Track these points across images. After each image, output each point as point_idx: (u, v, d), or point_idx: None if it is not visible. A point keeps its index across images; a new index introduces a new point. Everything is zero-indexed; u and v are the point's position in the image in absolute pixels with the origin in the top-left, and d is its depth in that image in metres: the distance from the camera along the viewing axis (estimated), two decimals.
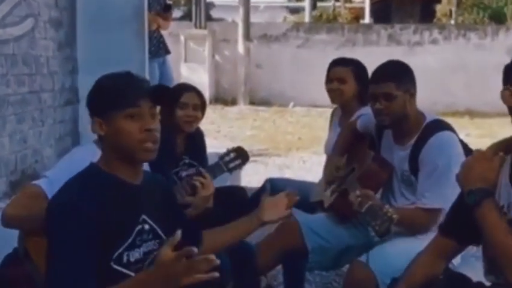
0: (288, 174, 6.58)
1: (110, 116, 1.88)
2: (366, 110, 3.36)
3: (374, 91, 2.74)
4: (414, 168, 2.70)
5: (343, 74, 3.45)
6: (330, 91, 3.49)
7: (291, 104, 13.44)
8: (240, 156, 3.18)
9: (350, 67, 3.48)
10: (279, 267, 3.27)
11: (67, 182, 1.90)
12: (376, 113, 2.76)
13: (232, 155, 3.16)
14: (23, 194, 2.34)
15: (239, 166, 3.20)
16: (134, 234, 1.90)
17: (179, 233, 1.69)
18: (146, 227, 1.95)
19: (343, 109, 3.56)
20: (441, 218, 2.64)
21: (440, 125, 2.74)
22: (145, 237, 1.94)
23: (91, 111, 1.95)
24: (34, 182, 2.35)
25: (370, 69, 3.52)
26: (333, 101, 3.54)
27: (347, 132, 3.27)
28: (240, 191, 3.58)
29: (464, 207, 1.93)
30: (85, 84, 1.91)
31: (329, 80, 3.49)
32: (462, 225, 2.03)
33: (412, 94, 2.74)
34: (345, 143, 3.21)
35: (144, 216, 1.95)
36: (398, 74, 2.77)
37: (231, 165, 3.15)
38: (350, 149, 3.13)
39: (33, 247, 2.18)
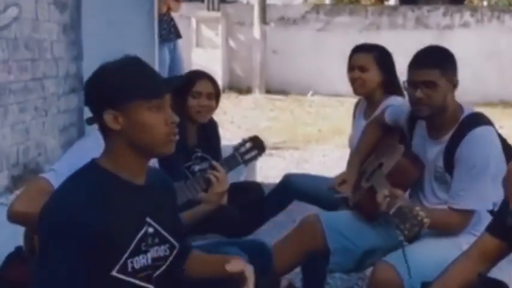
0: (307, 169, 6.53)
1: (131, 107, 1.79)
2: (392, 101, 3.33)
3: (415, 78, 2.66)
4: (450, 165, 2.66)
5: (364, 61, 3.41)
6: (352, 80, 3.45)
7: (310, 92, 13.40)
8: (256, 146, 3.14)
9: (372, 54, 3.43)
10: (298, 269, 3.26)
11: (64, 183, 1.85)
12: (414, 101, 2.69)
13: (248, 145, 3.12)
14: (30, 189, 2.35)
15: (255, 157, 3.17)
16: (137, 239, 1.85)
17: None
18: (151, 230, 1.90)
19: (367, 100, 3.52)
20: (473, 219, 2.64)
21: (478, 120, 2.69)
22: (150, 242, 1.89)
23: (102, 103, 1.81)
24: (42, 175, 2.37)
25: (396, 55, 3.49)
26: (355, 91, 3.49)
27: (373, 129, 3.23)
28: (256, 187, 3.58)
29: None
30: (91, 71, 1.86)
31: (350, 68, 3.45)
32: None
33: (455, 85, 2.70)
34: (370, 144, 3.18)
35: (148, 219, 1.90)
36: (443, 61, 2.71)
37: (247, 156, 3.11)
38: (377, 147, 3.09)
39: None
